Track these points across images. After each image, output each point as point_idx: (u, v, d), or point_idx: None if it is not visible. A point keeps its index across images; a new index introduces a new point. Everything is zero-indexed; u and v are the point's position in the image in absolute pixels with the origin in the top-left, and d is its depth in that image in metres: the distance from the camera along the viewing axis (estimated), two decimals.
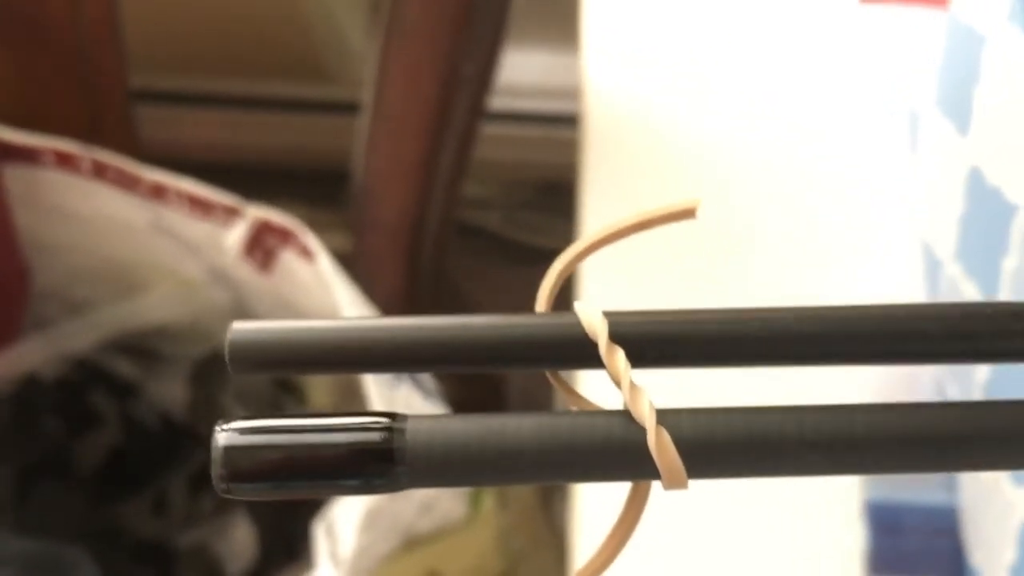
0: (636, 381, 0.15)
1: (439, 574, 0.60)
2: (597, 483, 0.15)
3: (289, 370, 0.16)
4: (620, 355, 0.15)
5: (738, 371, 0.23)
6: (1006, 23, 0.40)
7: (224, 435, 0.15)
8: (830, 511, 0.45)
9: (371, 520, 0.47)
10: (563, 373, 0.16)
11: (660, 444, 0.14)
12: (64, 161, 0.53)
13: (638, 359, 0.15)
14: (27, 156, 0.54)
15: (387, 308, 0.64)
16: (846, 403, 0.14)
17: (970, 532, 0.43)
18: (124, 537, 0.73)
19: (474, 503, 0.59)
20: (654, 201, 0.17)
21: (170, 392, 0.72)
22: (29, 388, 0.71)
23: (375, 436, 0.15)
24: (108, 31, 0.64)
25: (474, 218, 0.97)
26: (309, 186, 0.94)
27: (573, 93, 0.62)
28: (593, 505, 0.45)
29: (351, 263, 0.69)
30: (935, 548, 0.45)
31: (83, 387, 0.73)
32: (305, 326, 0.16)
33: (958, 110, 0.45)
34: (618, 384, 0.15)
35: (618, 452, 0.14)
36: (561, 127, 0.94)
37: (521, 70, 0.93)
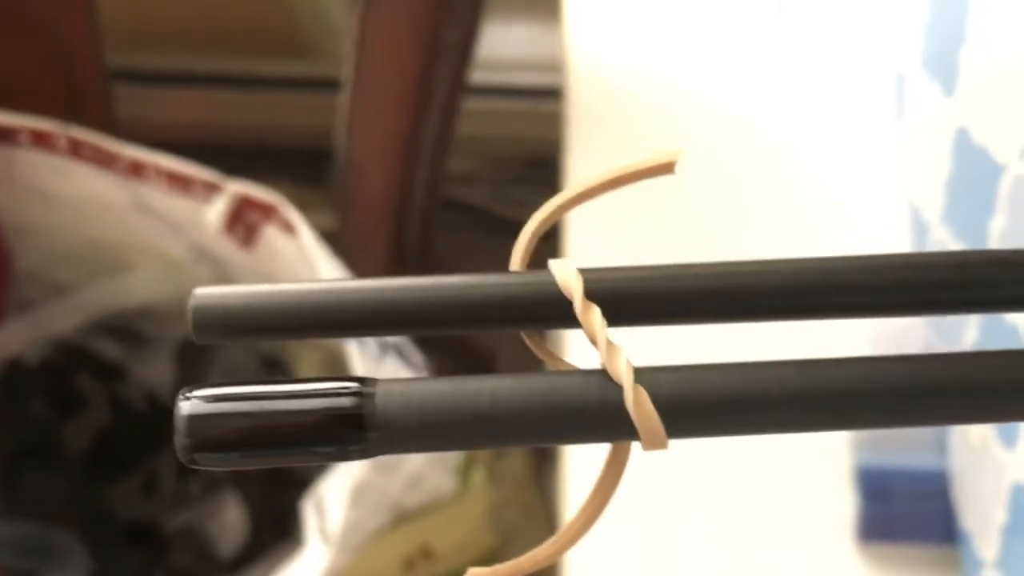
0: (615, 340, 0.14)
1: (430, 549, 0.60)
2: (575, 445, 0.14)
3: (255, 336, 0.15)
4: (596, 312, 0.14)
5: (722, 331, 0.22)
6: None
7: (188, 403, 0.14)
8: (821, 477, 0.45)
9: (359, 496, 0.47)
10: (545, 336, 0.16)
11: (638, 403, 0.14)
12: (40, 140, 0.52)
13: (615, 317, 0.15)
14: (3, 136, 0.53)
15: None
16: (828, 357, 0.14)
17: (960, 495, 0.43)
18: (114, 519, 0.73)
19: (463, 477, 0.59)
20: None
21: (156, 373, 0.71)
22: (14, 372, 0.70)
23: (345, 401, 0.14)
24: (84, 8, 0.63)
25: (461, 193, 0.97)
26: (294, 165, 0.93)
27: (557, 66, 0.62)
28: (583, 478, 0.45)
29: (337, 242, 0.69)
30: (926, 512, 0.45)
31: (68, 370, 0.72)
32: (272, 290, 0.15)
33: (944, 71, 0.44)
34: (594, 342, 0.14)
35: (595, 412, 0.14)
36: (547, 101, 0.93)
37: (507, 43, 0.92)
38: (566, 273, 0.15)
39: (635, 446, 0.14)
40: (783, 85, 0.58)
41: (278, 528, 0.69)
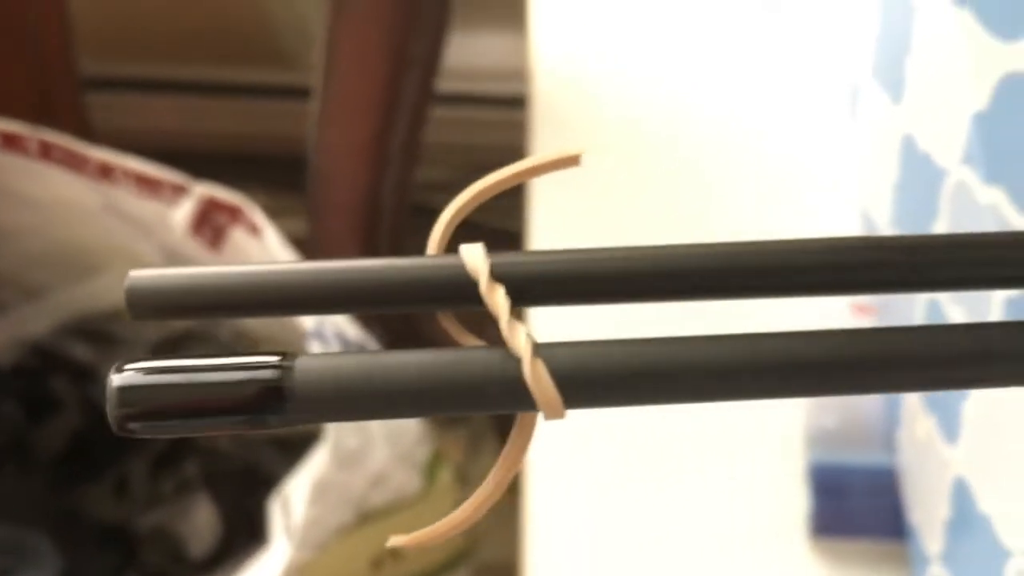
0: (514, 316, 0.15)
1: (398, 549, 0.60)
2: (481, 413, 0.15)
3: (185, 315, 0.16)
4: (500, 292, 0.15)
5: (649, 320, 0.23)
6: None
7: (119, 376, 0.15)
8: (775, 474, 0.46)
9: (319, 492, 0.47)
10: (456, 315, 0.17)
11: (535, 375, 0.15)
12: (10, 143, 0.53)
13: (519, 297, 0.16)
14: None
15: None
16: (721, 334, 0.15)
17: (908, 491, 0.44)
18: (86, 521, 0.74)
19: (429, 477, 0.59)
20: (604, 181, 0.17)
21: None
22: None
23: (267, 373, 0.15)
24: (57, 15, 0.64)
25: (430, 200, 0.98)
26: (268, 172, 0.94)
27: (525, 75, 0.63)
28: (549, 479, 0.46)
29: (310, 249, 0.69)
30: (876, 508, 0.46)
31: (41, 372, 0.73)
32: (201, 272, 0.16)
33: (892, 79, 0.46)
34: (497, 319, 0.15)
35: (496, 384, 0.15)
36: (517, 109, 0.94)
37: (475, 53, 0.93)
38: (474, 256, 0.16)
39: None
40: (746, 92, 0.59)
41: (249, 529, 0.69)
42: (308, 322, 0.46)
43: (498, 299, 0.15)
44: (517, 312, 0.16)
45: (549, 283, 0.16)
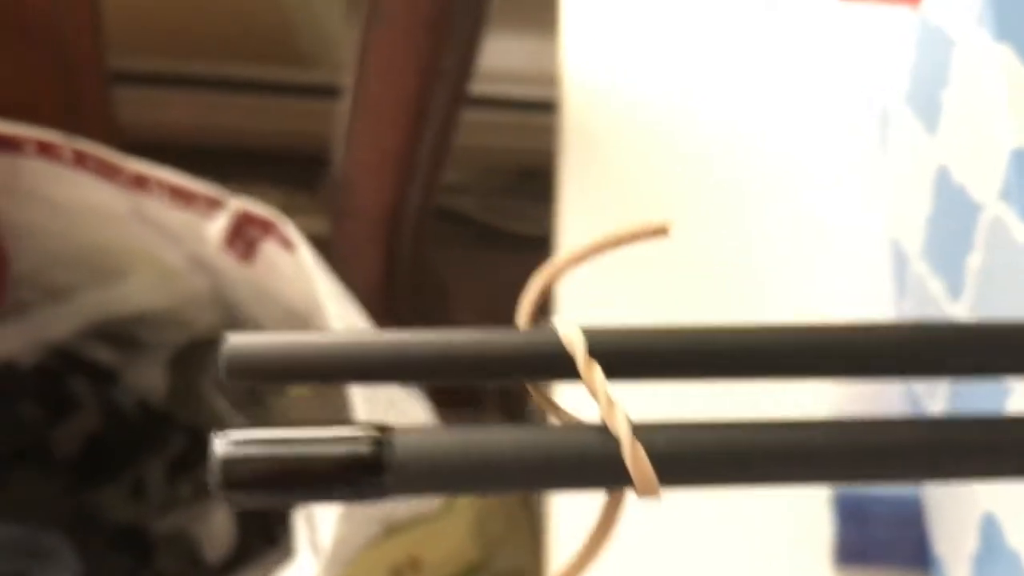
0: (614, 396, 0.16)
1: (418, 560, 0.61)
2: (576, 490, 0.15)
3: (281, 381, 0.16)
4: (597, 370, 0.16)
5: (713, 386, 0.24)
6: (975, 27, 0.41)
7: (222, 445, 0.15)
8: (799, 501, 0.46)
9: (350, 510, 0.48)
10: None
11: (635, 456, 0.15)
12: (45, 150, 0.53)
13: (614, 373, 0.16)
14: (9, 145, 0.54)
15: (365, 295, 0.65)
16: (810, 418, 0.15)
17: (934, 522, 0.45)
18: (102, 522, 0.74)
19: None
20: (633, 188, 0.17)
21: (148, 379, 0.72)
22: (7, 374, 0.71)
23: (365, 448, 0.15)
24: (88, 16, 0.64)
25: (451, 203, 0.98)
26: (286, 169, 0.94)
27: (550, 79, 0.63)
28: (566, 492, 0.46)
29: (328, 247, 0.69)
30: (901, 538, 0.46)
31: (61, 373, 0.73)
32: (297, 339, 0.16)
33: (927, 110, 0.46)
34: (595, 398, 0.16)
35: (595, 464, 0.15)
36: (539, 113, 0.94)
37: (499, 56, 0.93)
38: (570, 332, 0.16)
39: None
40: (774, 99, 0.59)
41: (265, 534, 0.70)
42: None
43: (596, 378, 0.15)
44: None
45: (642, 359, 0.16)
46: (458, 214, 1.04)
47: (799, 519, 0.46)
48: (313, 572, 0.48)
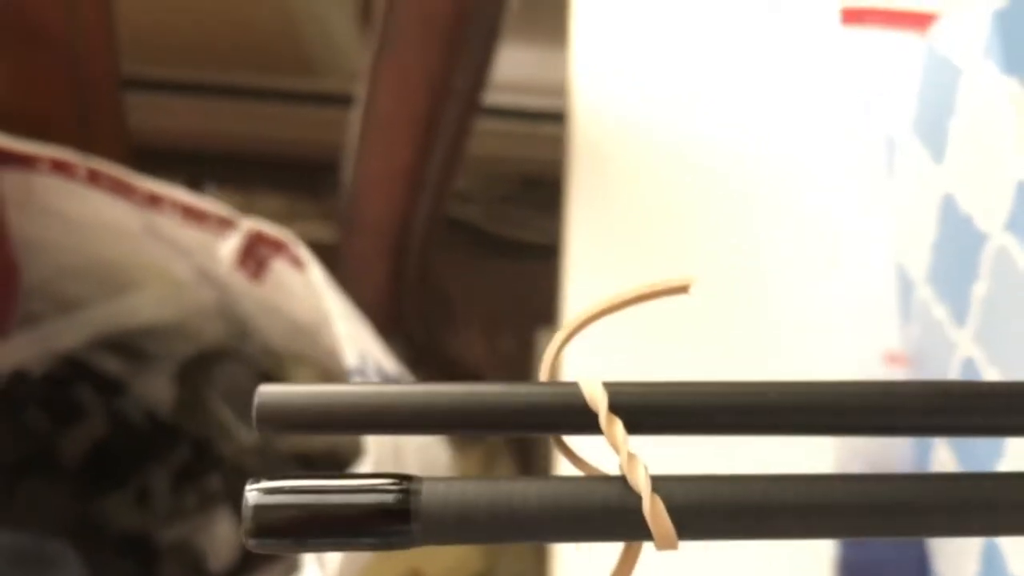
0: (634, 450, 0.16)
1: (421, 573, 0.61)
2: (596, 543, 0.16)
3: (310, 431, 0.17)
4: (619, 426, 0.16)
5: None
6: (982, 58, 0.41)
7: (253, 494, 0.16)
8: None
9: None
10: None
11: (654, 510, 0.16)
12: (60, 168, 0.54)
13: (635, 427, 0.16)
14: (23, 162, 0.55)
15: (373, 306, 0.65)
16: (824, 472, 0.16)
17: (936, 544, 0.45)
18: (108, 531, 0.74)
19: None
20: (640, 200, 0.18)
21: (156, 390, 0.72)
22: (16, 383, 0.71)
23: (393, 498, 0.16)
24: (103, 29, 0.65)
25: (457, 211, 0.98)
26: (291, 175, 0.94)
27: (557, 90, 0.63)
28: None
29: (332, 254, 0.70)
30: (902, 558, 0.46)
31: (69, 383, 0.73)
32: (325, 390, 0.17)
33: (934, 138, 0.46)
34: (617, 451, 0.16)
35: (616, 517, 0.16)
36: (545, 123, 0.95)
37: (506, 66, 0.94)
38: (592, 387, 0.16)
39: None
40: (781, 110, 0.59)
41: None
42: (351, 358, 0.47)
43: (617, 433, 0.16)
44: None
45: (664, 413, 0.16)
46: (463, 222, 1.05)
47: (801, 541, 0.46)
48: None
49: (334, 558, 0.50)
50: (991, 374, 0.40)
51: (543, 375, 0.17)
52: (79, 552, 0.71)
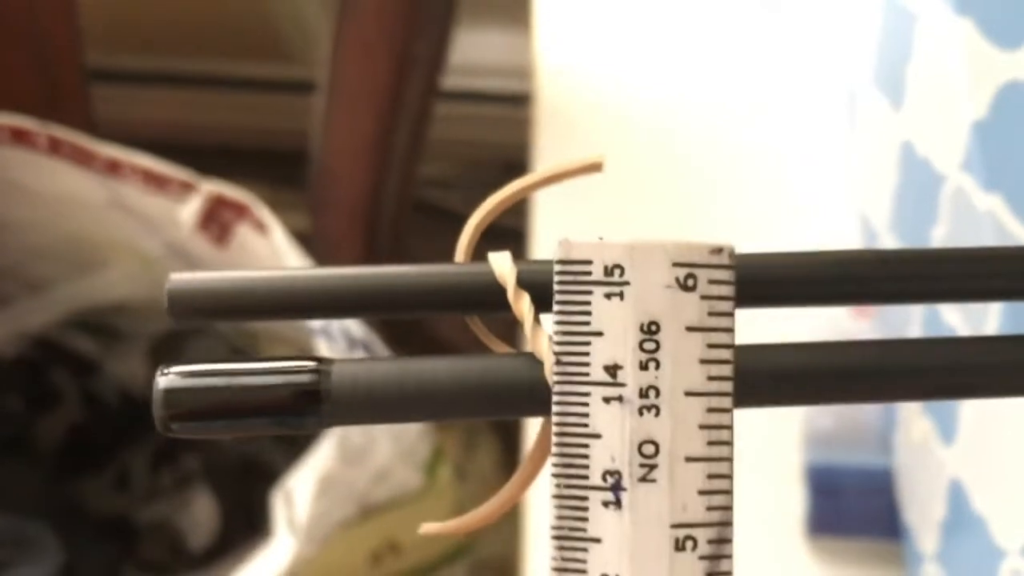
0: (538, 321, 0.16)
1: (396, 543, 0.61)
2: (508, 418, 0.16)
3: (224, 317, 0.17)
4: (525, 299, 0.16)
5: None
6: (936, 1, 0.41)
7: (165, 378, 0.16)
8: (773, 474, 0.47)
9: (325, 487, 0.48)
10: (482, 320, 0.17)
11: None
12: (19, 137, 0.54)
13: (545, 304, 0.16)
14: None
15: None
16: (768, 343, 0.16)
17: (904, 491, 0.45)
18: (86, 513, 0.74)
19: (429, 473, 0.60)
20: (605, 178, 0.18)
21: (129, 368, 0.72)
22: None
23: (304, 378, 0.16)
24: (65, 11, 0.65)
25: (435, 197, 0.98)
26: (270, 166, 0.94)
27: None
28: (546, 478, 0.46)
29: (311, 244, 0.70)
30: (872, 507, 0.46)
31: (43, 365, 0.73)
32: (241, 276, 0.17)
33: (892, 86, 0.46)
34: (523, 325, 0.16)
35: (523, 389, 0.16)
36: (522, 106, 0.95)
37: (483, 50, 0.94)
38: (502, 264, 0.16)
39: None
40: (745, 94, 0.60)
41: (248, 522, 0.70)
42: (315, 321, 0.47)
43: (523, 306, 0.16)
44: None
45: None
46: (441, 208, 1.04)
47: (771, 491, 0.47)
48: (290, 551, 0.48)
49: (303, 525, 0.50)
50: (954, 319, 0.40)
51: (459, 257, 0.17)
52: (58, 534, 0.71)
